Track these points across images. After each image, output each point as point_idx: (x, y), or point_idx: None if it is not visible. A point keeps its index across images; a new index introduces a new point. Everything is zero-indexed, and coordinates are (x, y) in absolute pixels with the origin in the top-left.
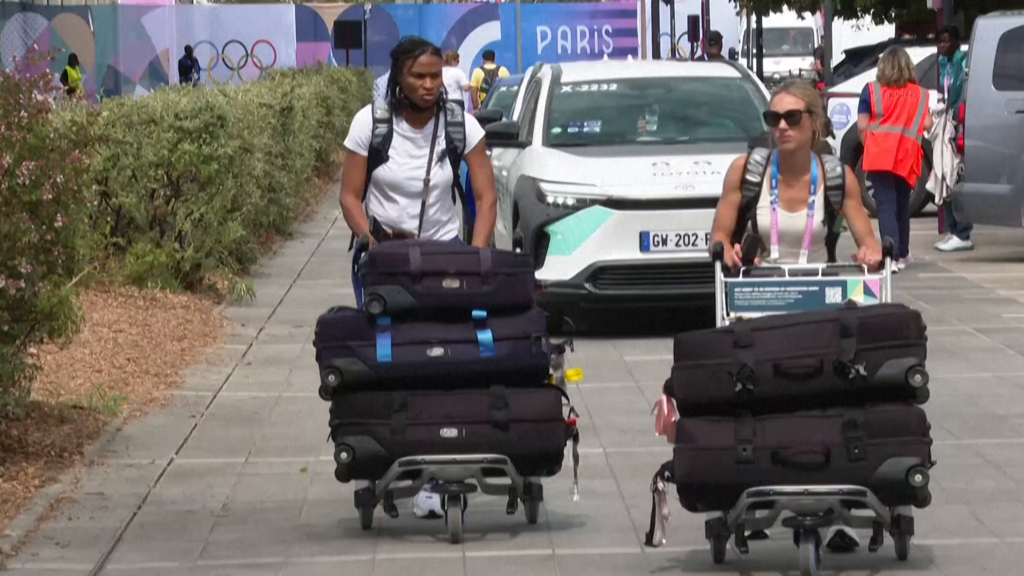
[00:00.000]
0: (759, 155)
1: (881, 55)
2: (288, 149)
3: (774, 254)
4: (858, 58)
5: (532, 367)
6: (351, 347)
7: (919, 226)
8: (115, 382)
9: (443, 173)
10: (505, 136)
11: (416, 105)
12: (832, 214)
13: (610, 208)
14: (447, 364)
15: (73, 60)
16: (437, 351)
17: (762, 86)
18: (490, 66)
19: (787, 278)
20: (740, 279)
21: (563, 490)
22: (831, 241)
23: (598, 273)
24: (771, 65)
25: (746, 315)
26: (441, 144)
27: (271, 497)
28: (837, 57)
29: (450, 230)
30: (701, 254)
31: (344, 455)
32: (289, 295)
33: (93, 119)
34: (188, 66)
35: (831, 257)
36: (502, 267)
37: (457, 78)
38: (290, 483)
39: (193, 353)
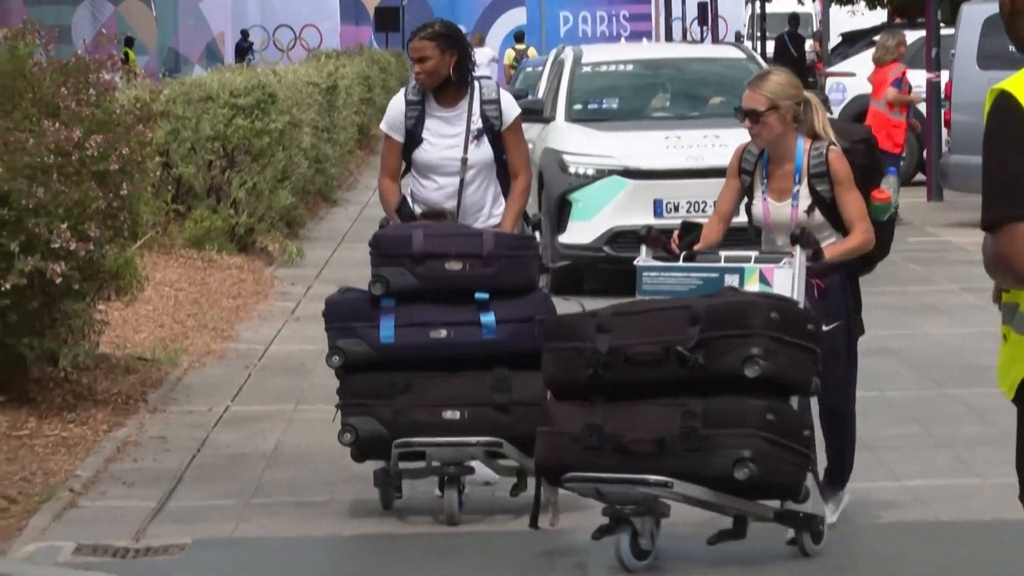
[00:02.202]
0: (754, 145)
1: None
2: (333, 124)
3: (766, 243)
4: (853, 41)
5: (535, 350)
6: (355, 328)
7: (910, 194)
8: (176, 336)
9: (480, 152)
10: (531, 112)
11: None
12: (823, 202)
13: (626, 178)
14: (449, 346)
15: (129, 42)
16: (440, 333)
17: (765, 66)
18: (520, 47)
19: (688, 264)
20: (647, 263)
21: None
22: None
23: (616, 237)
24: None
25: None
26: (476, 123)
27: (317, 441)
28: (834, 40)
29: (496, 216)
30: None
31: (347, 436)
32: (334, 257)
33: (155, 96)
34: (245, 48)
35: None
36: (505, 249)
37: (490, 56)
38: (334, 429)
39: (247, 310)
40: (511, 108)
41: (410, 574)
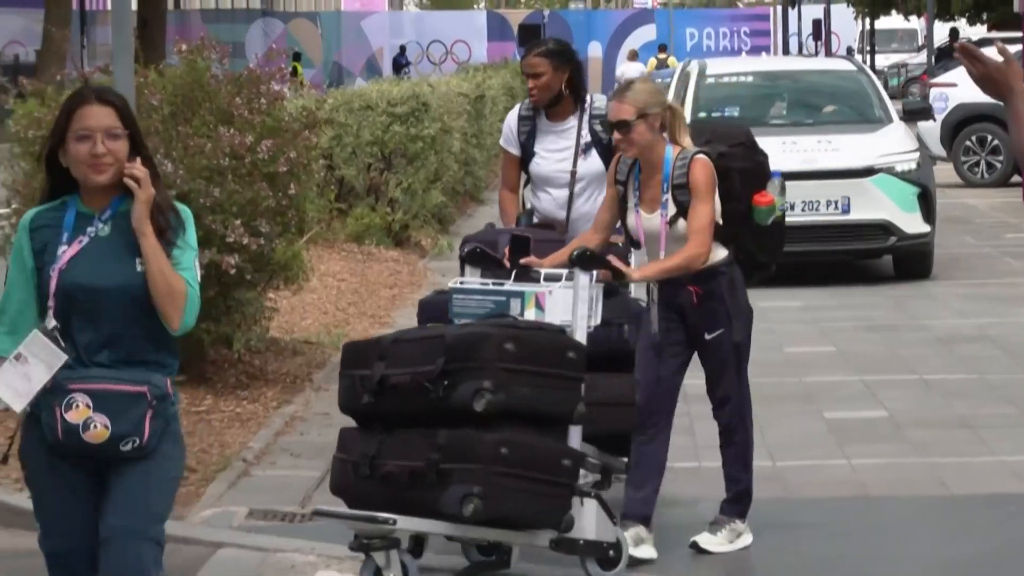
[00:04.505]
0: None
1: None
2: (480, 130)
3: (640, 255)
4: (952, 54)
5: (617, 351)
6: None
7: (1007, 194)
8: (338, 322)
9: (588, 165)
10: None
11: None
12: (685, 213)
13: None
14: None
15: (297, 57)
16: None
17: (874, 77)
18: (662, 56)
19: (488, 287)
20: (458, 285)
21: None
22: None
23: None
24: (882, 60)
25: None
26: (586, 137)
27: None
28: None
29: None
30: (822, 217)
31: None
32: None
33: (320, 105)
34: (402, 63)
35: None
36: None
37: (639, 71)
38: None
39: (402, 298)
40: None
41: None
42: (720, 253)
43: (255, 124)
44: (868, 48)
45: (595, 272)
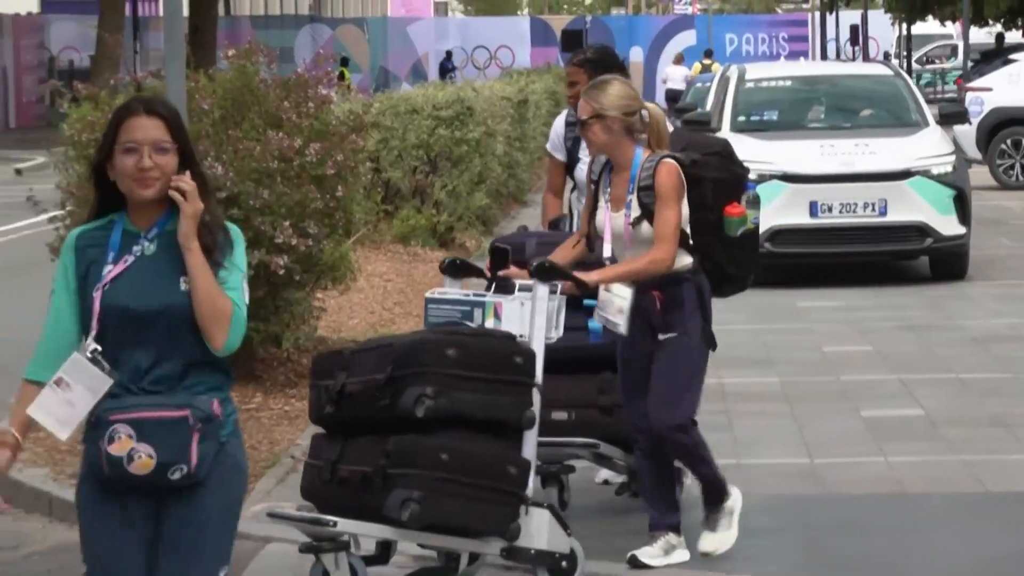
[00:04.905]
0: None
1: None
2: (524, 134)
3: (606, 252)
4: (990, 58)
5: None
6: None
7: None
8: (385, 321)
9: None
10: (700, 123)
11: None
12: (652, 215)
13: (785, 182)
14: (558, 350)
15: (344, 62)
16: (549, 337)
17: (911, 82)
18: (707, 61)
19: (456, 297)
20: (432, 295)
21: (746, 411)
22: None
23: (775, 235)
24: (918, 65)
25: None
26: None
27: None
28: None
29: None
30: (860, 219)
31: None
32: None
33: (367, 109)
34: (449, 69)
35: None
36: None
37: (684, 74)
38: None
39: None
40: None
41: None
42: (686, 260)
43: (303, 128)
44: (904, 53)
45: (558, 283)
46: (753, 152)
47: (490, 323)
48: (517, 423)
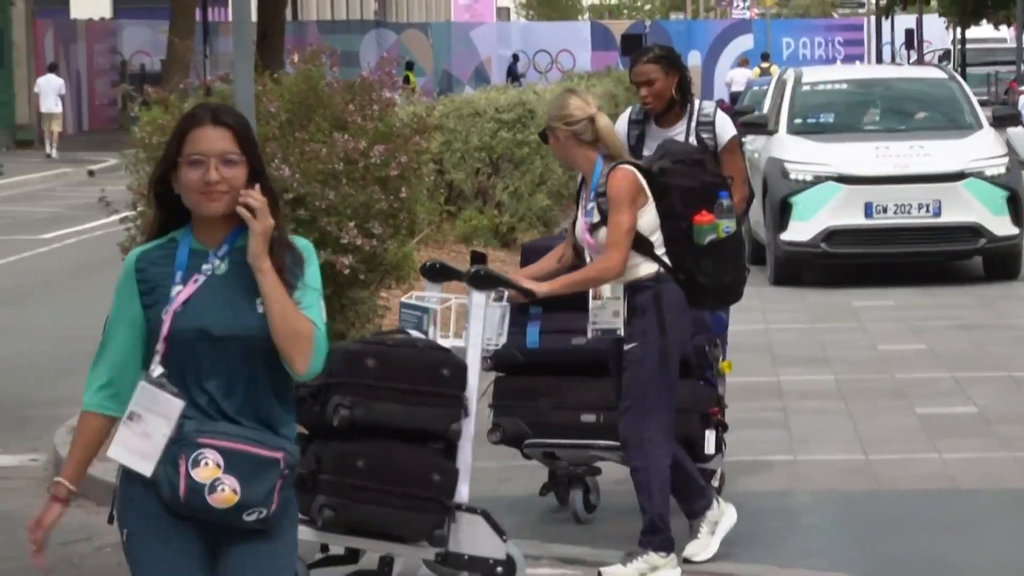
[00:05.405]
0: None
1: None
2: None
3: (587, 260)
4: None
5: None
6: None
7: None
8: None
9: None
10: (757, 126)
11: None
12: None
13: (841, 183)
14: (587, 352)
15: (410, 66)
16: (579, 340)
17: (965, 86)
18: (766, 65)
19: (418, 302)
20: (408, 299)
21: (803, 408)
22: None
23: (831, 235)
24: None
25: (415, 333)
26: (693, 144)
27: None
28: None
29: None
30: (914, 220)
31: (495, 435)
32: None
33: (430, 112)
34: (516, 73)
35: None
36: None
37: (746, 76)
38: None
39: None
40: (725, 130)
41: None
42: (649, 268)
43: (368, 130)
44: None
45: (504, 291)
46: (809, 154)
47: (432, 330)
48: (443, 434)
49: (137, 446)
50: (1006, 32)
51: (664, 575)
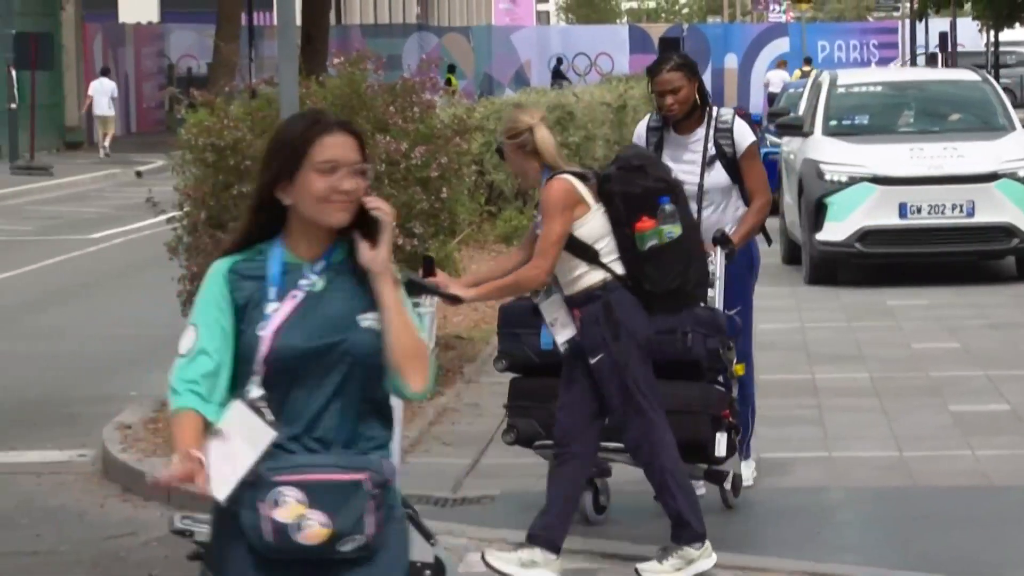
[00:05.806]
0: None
1: None
2: (622, 137)
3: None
4: None
5: (685, 360)
6: (519, 335)
7: None
8: (487, 318)
9: (714, 177)
10: (793, 127)
11: None
12: None
13: (875, 184)
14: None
15: (451, 69)
16: None
17: (998, 87)
18: (807, 68)
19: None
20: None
21: (837, 406)
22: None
23: (865, 235)
24: (1005, 71)
25: None
26: (711, 151)
27: None
28: None
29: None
30: (948, 220)
31: (509, 436)
32: None
33: (470, 113)
34: (562, 75)
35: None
36: None
37: (783, 78)
38: None
39: None
40: (744, 137)
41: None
42: (595, 276)
43: (409, 132)
44: (992, 60)
45: (433, 297)
46: (844, 155)
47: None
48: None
49: (219, 467)
50: None
51: (701, 565)
